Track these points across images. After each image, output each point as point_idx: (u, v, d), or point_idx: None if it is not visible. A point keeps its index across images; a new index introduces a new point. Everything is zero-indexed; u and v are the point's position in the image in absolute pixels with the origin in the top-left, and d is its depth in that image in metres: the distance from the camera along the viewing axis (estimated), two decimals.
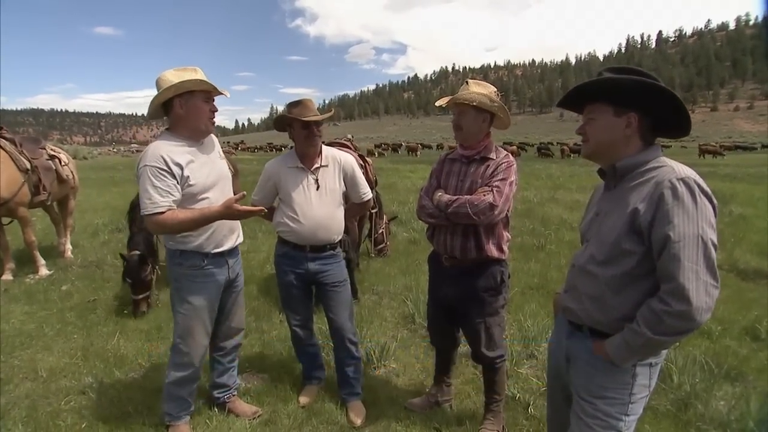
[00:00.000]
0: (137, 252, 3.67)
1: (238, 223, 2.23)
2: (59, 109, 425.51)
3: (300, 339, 2.56)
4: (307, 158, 2.33)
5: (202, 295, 2.09)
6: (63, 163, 5.10)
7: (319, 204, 2.32)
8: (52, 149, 5.12)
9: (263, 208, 1.98)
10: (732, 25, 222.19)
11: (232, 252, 2.22)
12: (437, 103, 2.23)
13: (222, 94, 2.09)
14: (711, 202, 1.21)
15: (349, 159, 2.45)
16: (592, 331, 1.39)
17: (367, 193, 2.53)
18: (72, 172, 5.28)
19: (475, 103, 2.01)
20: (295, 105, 2.28)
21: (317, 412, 2.42)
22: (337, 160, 2.40)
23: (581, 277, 1.41)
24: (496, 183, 2.01)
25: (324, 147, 2.41)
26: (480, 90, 2.07)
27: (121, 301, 3.93)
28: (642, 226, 1.24)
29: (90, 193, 10.17)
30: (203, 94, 2.00)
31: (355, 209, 2.62)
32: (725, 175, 15.66)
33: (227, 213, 1.88)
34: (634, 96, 1.30)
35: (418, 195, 2.27)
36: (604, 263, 1.33)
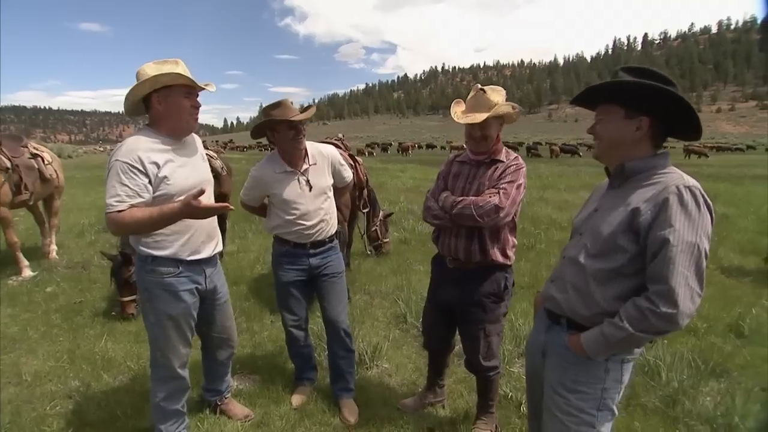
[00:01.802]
0: (122, 251, 3.60)
1: (217, 229, 2.09)
2: (42, 107, 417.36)
3: (295, 339, 2.54)
4: (294, 161, 2.31)
5: (177, 304, 1.93)
6: (46, 162, 4.97)
7: (315, 204, 2.32)
8: (35, 147, 5.00)
9: (228, 205, 1.76)
10: (714, 29, 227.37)
11: (210, 261, 2.06)
12: (468, 122, 2.00)
13: (203, 89, 1.91)
14: (711, 213, 1.25)
15: (332, 150, 2.47)
16: (570, 324, 1.42)
17: (349, 175, 2.59)
18: (56, 170, 5.16)
19: (502, 114, 2.01)
20: (276, 107, 2.23)
21: (310, 414, 2.41)
22: (323, 156, 2.40)
23: (570, 267, 1.44)
24: (503, 185, 1.96)
25: (308, 144, 2.37)
26: (500, 98, 2.02)
27: (109, 302, 3.86)
28: (640, 226, 1.26)
29: (75, 193, 9.98)
30: (183, 89, 1.84)
31: (338, 192, 2.62)
32: (709, 175, 15.97)
33: (187, 210, 1.68)
34: (646, 101, 1.30)
35: (425, 196, 2.22)
36: (596, 256, 1.35)
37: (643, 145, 1.34)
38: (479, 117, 1.97)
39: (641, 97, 1.30)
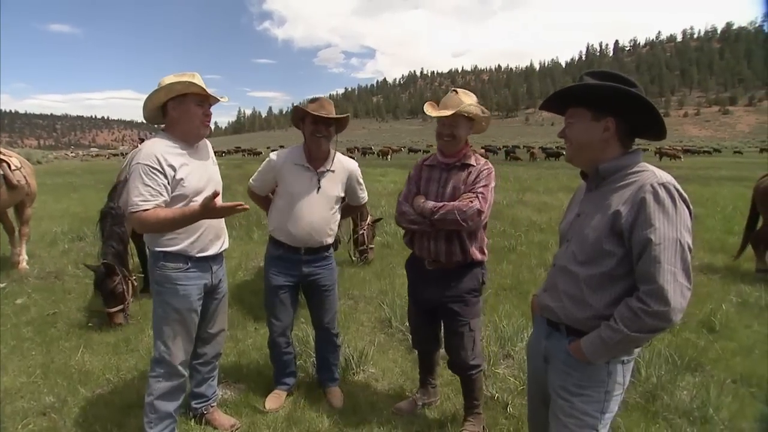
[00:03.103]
0: (104, 262, 3.51)
1: (224, 229, 2.21)
2: (8, 110, 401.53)
3: (276, 344, 2.54)
4: (314, 158, 2.34)
5: (185, 298, 2.04)
6: (13, 168, 4.72)
7: (318, 207, 2.33)
8: (1, 153, 4.78)
9: (242, 204, 1.78)
10: (679, 38, 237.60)
11: (217, 258, 2.18)
12: (436, 114, 2.13)
13: (216, 99, 2.05)
14: (688, 207, 1.27)
15: (355, 167, 2.51)
16: (569, 330, 1.43)
17: (364, 197, 2.63)
18: (25, 177, 4.92)
19: (471, 115, 2.08)
20: (313, 101, 2.32)
21: (297, 421, 2.38)
22: (344, 167, 2.43)
23: (561, 275, 1.45)
24: (480, 189, 2.06)
25: (335, 153, 2.43)
26: (471, 100, 2.11)
27: (85, 313, 3.73)
28: (623, 228, 1.28)
29: (46, 200, 9.60)
30: (196, 98, 1.98)
31: (349, 210, 2.68)
32: (678, 176, 15.86)
33: (206, 211, 1.81)
34: (610, 102, 1.34)
35: (397, 201, 2.28)
36: (585, 263, 1.37)
37: (612, 146, 1.38)
38: (448, 111, 2.10)
39: (605, 98, 1.34)
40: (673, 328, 3.42)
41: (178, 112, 1.98)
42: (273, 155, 2.43)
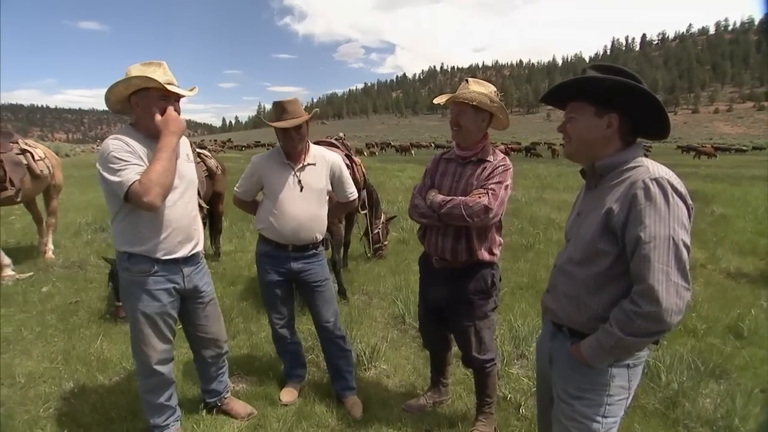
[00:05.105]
0: None
1: (198, 230, 2.09)
2: (39, 105, 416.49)
3: (281, 337, 2.55)
4: (292, 156, 2.33)
5: (152, 303, 1.94)
6: (37, 158, 4.84)
7: (302, 202, 2.31)
8: (26, 143, 4.88)
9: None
10: (712, 30, 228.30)
11: (189, 260, 2.04)
12: (435, 101, 2.12)
13: (177, 95, 1.87)
14: (685, 202, 1.20)
15: (336, 159, 2.47)
16: (571, 332, 1.39)
17: (353, 193, 2.54)
18: (49, 167, 5.03)
19: (474, 103, 1.96)
20: (276, 109, 2.26)
21: (307, 415, 2.39)
22: (325, 159, 2.40)
23: (560, 276, 1.42)
24: (492, 186, 1.97)
25: (312, 146, 2.40)
26: (480, 89, 2.01)
27: (105, 302, 3.83)
28: (616, 227, 1.24)
29: (72, 192, 9.92)
30: (159, 93, 1.83)
31: (339, 208, 2.63)
32: (706, 175, 16.02)
33: (165, 124, 1.79)
34: (616, 97, 1.28)
35: (412, 194, 2.23)
36: (581, 263, 1.33)
37: (613, 143, 1.32)
38: (444, 97, 2.04)
39: (611, 93, 1.28)
40: (697, 332, 3.29)
41: (141, 107, 1.85)
42: (255, 157, 2.44)
